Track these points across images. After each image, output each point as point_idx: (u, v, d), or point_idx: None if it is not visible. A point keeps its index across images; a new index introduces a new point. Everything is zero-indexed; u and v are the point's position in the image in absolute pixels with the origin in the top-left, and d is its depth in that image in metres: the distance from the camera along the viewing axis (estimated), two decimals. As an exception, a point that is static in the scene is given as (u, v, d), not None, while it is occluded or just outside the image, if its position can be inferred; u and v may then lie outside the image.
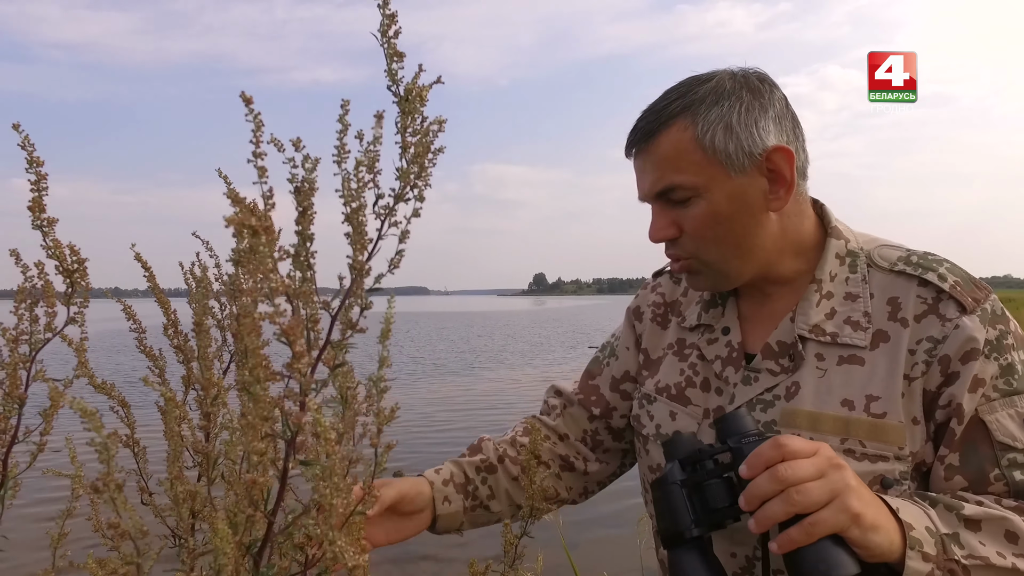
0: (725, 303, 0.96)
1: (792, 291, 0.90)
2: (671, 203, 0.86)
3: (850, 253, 0.88)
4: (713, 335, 0.95)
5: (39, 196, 0.68)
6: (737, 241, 0.85)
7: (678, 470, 0.75)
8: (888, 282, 0.84)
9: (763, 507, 0.66)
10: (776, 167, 0.83)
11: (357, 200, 0.49)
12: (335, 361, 0.52)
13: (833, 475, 0.66)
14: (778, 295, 0.91)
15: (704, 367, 0.95)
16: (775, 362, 0.87)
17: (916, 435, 0.79)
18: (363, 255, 0.50)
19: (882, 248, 0.88)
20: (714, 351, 0.94)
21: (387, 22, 0.51)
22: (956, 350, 0.78)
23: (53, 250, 0.70)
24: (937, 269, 0.82)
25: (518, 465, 1.04)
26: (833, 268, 0.87)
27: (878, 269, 0.86)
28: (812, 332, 0.85)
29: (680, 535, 0.73)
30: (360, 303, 0.50)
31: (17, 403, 0.71)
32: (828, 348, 0.84)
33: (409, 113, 0.51)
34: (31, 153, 0.66)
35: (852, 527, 0.65)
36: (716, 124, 0.82)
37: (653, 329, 1.05)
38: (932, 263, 0.83)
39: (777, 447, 0.67)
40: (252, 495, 0.49)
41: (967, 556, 0.69)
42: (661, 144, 0.84)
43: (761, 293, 0.93)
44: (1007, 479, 0.76)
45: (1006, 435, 0.77)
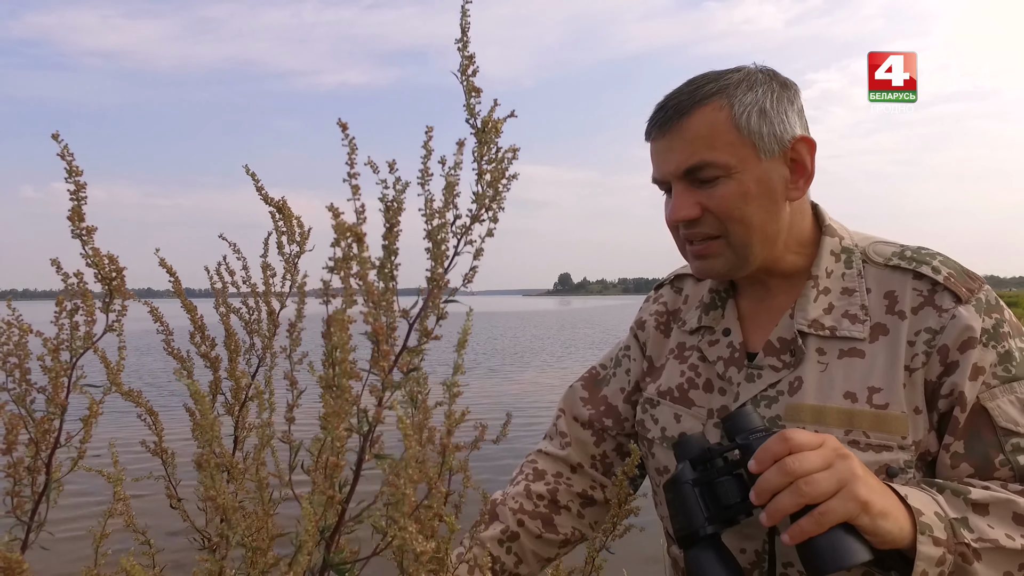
0: (724, 305, 0.98)
1: (790, 288, 0.92)
2: (697, 182, 0.86)
3: (845, 250, 0.90)
4: (714, 337, 0.97)
5: (78, 205, 0.71)
6: (761, 223, 0.86)
7: (689, 470, 0.77)
8: (884, 276, 0.87)
9: (773, 500, 0.67)
10: (799, 156, 0.86)
11: (441, 218, 0.54)
12: (409, 366, 0.57)
13: (840, 465, 0.67)
14: (777, 291, 0.93)
15: (706, 368, 0.96)
16: (777, 358, 0.89)
17: (919, 424, 0.80)
18: (441, 268, 0.55)
19: (876, 244, 0.90)
20: (716, 352, 0.96)
21: (466, 63, 0.57)
22: (954, 339, 0.80)
23: (92, 259, 0.73)
24: (931, 262, 0.84)
25: (538, 520, 1.03)
26: (829, 264, 0.90)
27: (873, 264, 0.88)
28: (811, 327, 0.87)
29: (695, 534, 0.74)
30: (436, 312, 0.55)
31: (59, 409, 0.73)
32: (828, 342, 0.86)
33: (485, 143, 0.56)
34: (71, 163, 0.68)
35: (862, 515, 0.66)
36: (752, 107, 0.84)
37: (656, 337, 1.07)
38: (925, 257, 0.85)
39: (784, 441, 0.68)
40: (332, 478, 0.53)
41: (977, 539, 0.71)
42: (695, 122, 0.84)
43: (762, 289, 0.94)
44: (1012, 464, 0.77)
45: (1008, 421, 0.78)
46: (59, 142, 0.66)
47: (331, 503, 0.55)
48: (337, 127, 0.52)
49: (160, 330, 1.02)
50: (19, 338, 0.72)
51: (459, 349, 0.54)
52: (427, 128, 0.54)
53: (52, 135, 0.68)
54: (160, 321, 0.98)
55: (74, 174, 0.68)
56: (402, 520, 0.54)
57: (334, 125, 0.52)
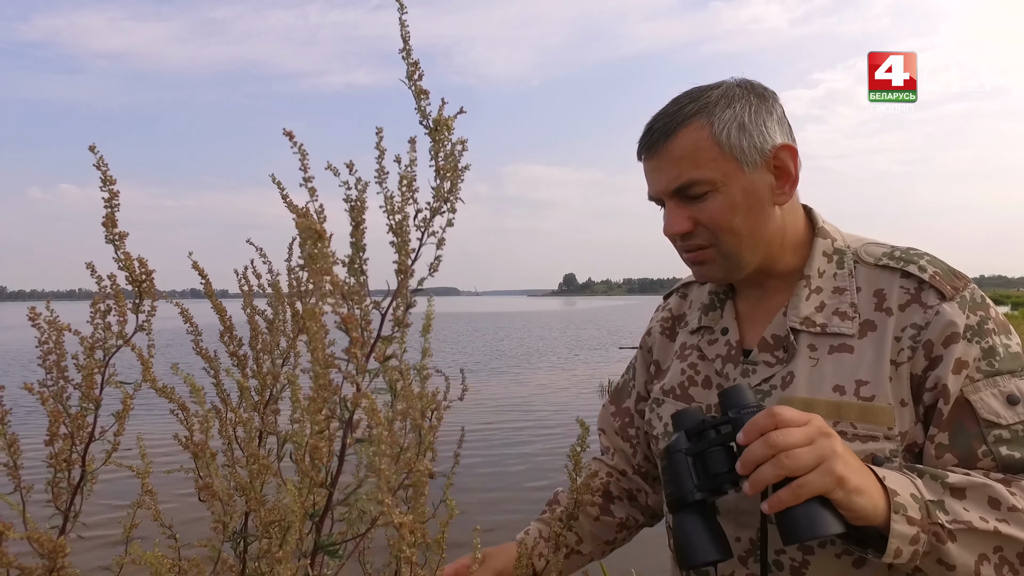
0: (723, 306, 1.03)
1: (785, 288, 0.96)
2: (687, 198, 0.90)
3: (837, 251, 0.94)
4: (713, 336, 1.02)
5: (111, 212, 0.76)
6: (750, 231, 0.90)
7: (684, 440, 0.82)
8: (874, 276, 0.90)
9: (757, 471, 0.72)
10: (782, 163, 0.90)
11: (400, 213, 0.57)
12: (384, 354, 0.60)
13: (821, 442, 0.71)
14: (773, 291, 0.97)
15: (705, 366, 1.01)
16: (771, 354, 0.93)
17: (905, 416, 0.84)
18: (407, 260, 0.59)
19: (868, 245, 0.94)
20: (714, 351, 1.00)
21: (412, 69, 0.60)
22: (938, 335, 0.83)
23: (124, 262, 0.79)
24: (918, 262, 0.88)
25: (595, 506, 1.12)
26: (821, 265, 0.94)
27: (864, 264, 0.92)
28: (803, 324, 0.91)
29: (684, 499, 0.79)
30: (405, 302, 0.59)
31: (93, 405, 0.80)
32: (819, 339, 0.90)
33: (439, 141, 0.60)
34: (105, 172, 0.74)
35: (836, 489, 0.70)
36: (731, 123, 0.88)
37: (662, 342, 1.13)
38: (913, 256, 0.89)
39: (771, 416, 0.72)
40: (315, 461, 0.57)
41: (951, 521, 0.74)
42: (679, 142, 0.89)
43: (759, 290, 0.98)
44: (994, 454, 0.80)
45: (991, 413, 0.81)
46: (95, 153, 0.71)
47: (313, 486, 0.58)
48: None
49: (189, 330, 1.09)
50: (56, 337, 0.79)
51: (424, 333, 0.57)
52: (378, 129, 0.57)
53: (89, 147, 0.73)
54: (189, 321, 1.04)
55: (108, 183, 0.73)
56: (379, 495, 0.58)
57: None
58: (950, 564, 0.74)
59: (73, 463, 0.79)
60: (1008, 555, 0.75)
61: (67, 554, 0.72)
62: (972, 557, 0.74)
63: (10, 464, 0.78)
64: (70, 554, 0.72)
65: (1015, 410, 0.81)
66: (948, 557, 0.74)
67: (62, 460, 0.78)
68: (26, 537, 0.69)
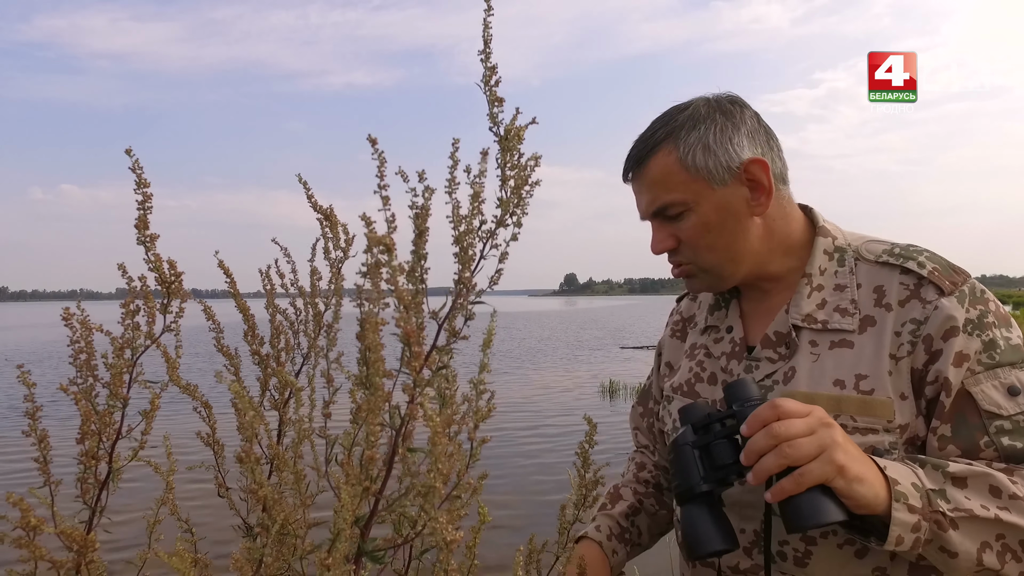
0: (728, 306, 1.05)
1: (787, 287, 0.98)
2: (667, 219, 0.95)
3: (838, 249, 0.96)
4: (719, 335, 1.05)
5: (144, 215, 0.76)
6: (727, 245, 0.94)
7: (690, 433, 0.84)
8: (874, 272, 0.92)
9: (760, 461, 0.74)
10: (754, 176, 0.93)
11: (467, 224, 0.57)
12: (438, 364, 0.60)
13: (822, 432, 0.73)
14: (775, 291, 0.99)
15: (711, 363, 1.04)
16: (773, 350, 0.95)
17: (905, 409, 0.85)
18: (468, 272, 0.58)
19: (869, 243, 0.96)
20: (720, 348, 1.03)
21: (488, 73, 0.60)
22: (937, 329, 0.84)
23: (154, 264, 0.79)
24: (917, 258, 0.90)
25: (651, 499, 1.17)
26: (822, 263, 0.95)
27: (865, 261, 0.94)
28: (805, 321, 0.93)
29: (691, 490, 0.81)
30: (464, 314, 0.58)
31: (121, 403, 0.79)
32: (820, 335, 0.92)
33: (508, 150, 0.59)
34: (140, 175, 0.74)
35: (837, 478, 0.72)
36: (695, 146, 0.91)
37: (673, 343, 1.17)
38: (913, 253, 0.91)
39: (774, 408, 0.74)
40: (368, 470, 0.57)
41: (953, 509, 0.75)
42: (651, 169, 0.94)
43: (759, 291, 1.01)
44: (996, 445, 0.81)
45: (992, 404, 0.82)
46: (131, 155, 0.71)
47: (366, 494, 0.58)
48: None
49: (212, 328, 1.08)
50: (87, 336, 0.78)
51: (484, 348, 0.57)
52: (453, 140, 0.57)
53: (125, 150, 0.73)
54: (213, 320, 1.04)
55: (143, 185, 0.73)
56: (432, 511, 0.58)
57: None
58: (952, 551, 0.75)
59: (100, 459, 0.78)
60: (1010, 542, 0.76)
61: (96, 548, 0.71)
62: (974, 545, 0.75)
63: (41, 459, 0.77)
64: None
65: (1016, 401, 0.82)
66: (950, 544, 0.75)
67: (91, 457, 0.77)
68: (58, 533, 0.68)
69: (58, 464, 0.84)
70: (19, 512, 0.69)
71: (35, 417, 0.76)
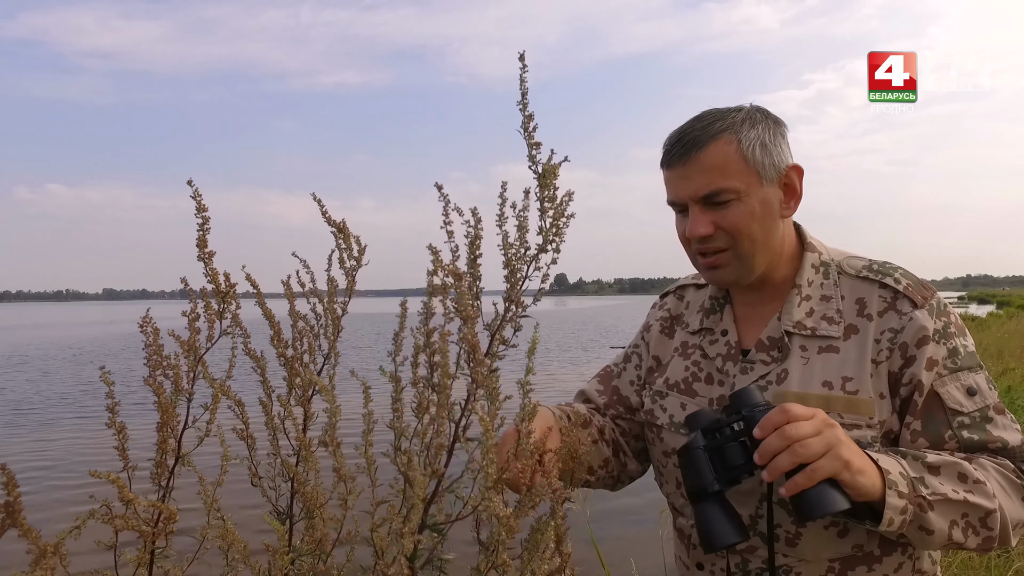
0: (722, 310, 1.14)
1: (778, 296, 1.08)
2: (712, 205, 1.00)
3: (823, 264, 1.07)
4: (714, 337, 1.13)
5: (203, 235, 0.86)
6: (764, 238, 1.02)
7: (701, 438, 0.91)
8: (855, 286, 1.03)
9: (774, 460, 0.82)
10: (791, 181, 1.04)
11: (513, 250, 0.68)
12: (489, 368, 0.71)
13: (828, 432, 0.83)
14: (768, 298, 1.08)
15: (707, 364, 1.12)
16: (767, 354, 1.05)
17: (883, 407, 0.97)
18: (516, 290, 0.69)
19: (849, 259, 1.07)
20: (715, 350, 1.12)
21: (527, 120, 0.70)
22: (911, 337, 0.96)
23: (211, 277, 0.89)
24: (893, 274, 1.01)
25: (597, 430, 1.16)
26: (810, 276, 1.06)
27: (847, 276, 1.05)
28: (796, 328, 1.03)
29: (704, 490, 0.90)
30: (513, 325, 0.70)
31: (187, 397, 0.89)
32: (809, 340, 1.02)
33: (546, 186, 0.70)
34: (199, 201, 0.83)
35: (844, 471, 0.82)
36: (755, 141, 1.00)
37: (660, 339, 1.23)
38: (889, 270, 1.02)
39: (784, 412, 0.83)
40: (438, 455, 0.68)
41: (931, 493, 0.87)
42: (710, 154, 0.99)
43: (755, 296, 1.10)
44: (958, 438, 0.94)
45: (955, 403, 0.95)
46: (192, 186, 0.80)
47: (435, 475, 0.69)
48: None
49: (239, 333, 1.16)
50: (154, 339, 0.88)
51: (530, 355, 0.68)
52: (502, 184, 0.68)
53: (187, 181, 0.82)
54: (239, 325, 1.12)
55: (202, 210, 0.83)
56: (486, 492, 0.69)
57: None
58: (929, 529, 0.87)
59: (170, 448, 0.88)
60: (972, 520, 0.89)
61: (176, 520, 0.82)
62: (946, 523, 0.88)
63: (119, 447, 0.87)
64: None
65: (974, 400, 0.96)
66: (928, 524, 0.87)
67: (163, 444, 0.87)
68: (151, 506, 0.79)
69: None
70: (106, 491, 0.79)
71: (114, 411, 0.86)
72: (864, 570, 0.99)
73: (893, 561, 0.99)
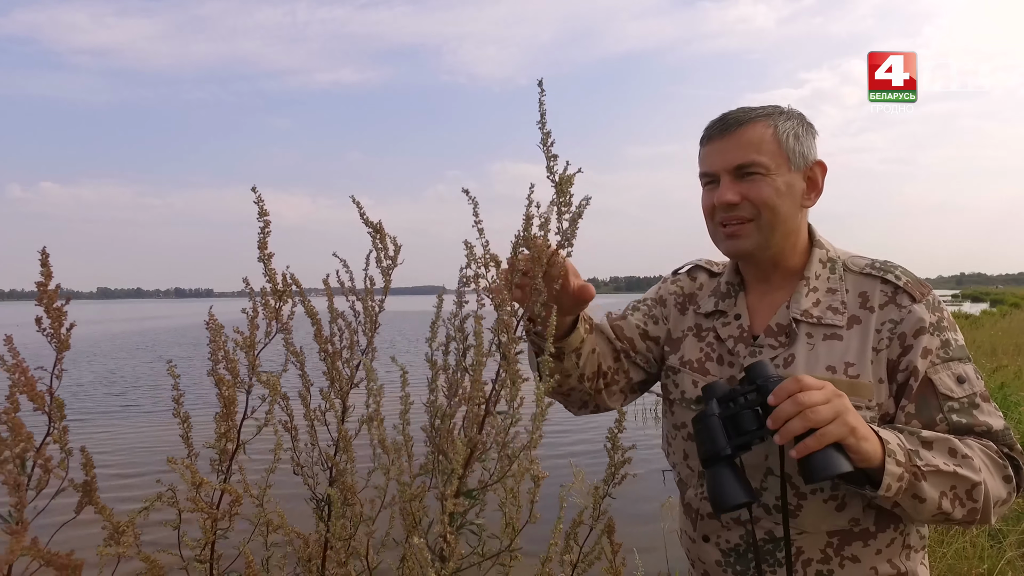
0: (736, 296, 1.24)
1: (787, 286, 1.19)
2: (743, 175, 1.12)
3: (830, 260, 1.18)
4: (727, 320, 1.23)
5: (264, 238, 0.97)
6: (784, 215, 1.13)
7: (715, 406, 1.00)
8: (859, 281, 1.14)
9: (786, 424, 0.91)
10: (814, 175, 1.16)
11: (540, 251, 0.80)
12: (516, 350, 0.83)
13: (836, 401, 0.91)
14: (777, 287, 1.19)
15: (719, 346, 1.23)
16: (775, 339, 1.15)
17: (882, 391, 1.07)
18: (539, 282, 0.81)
19: (853, 258, 1.18)
20: (728, 332, 1.22)
21: (545, 136, 0.83)
22: (910, 328, 1.07)
23: (270, 277, 1.00)
24: (894, 271, 1.12)
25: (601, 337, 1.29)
26: (818, 270, 1.17)
27: (851, 272, 1.16)
28: (803, 316, 1.14)
29: (718, 454, 0.98)
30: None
31: (246, 390, 1.00)
32: (815, 328, 1.13)
33: (562, 194, 0.82)
34: (261, 206, 0.95)
35: (850, 436, 0.90)
36: (790, 131, 1.13)
37: (675, 313, 1.33)
38: (891, 267, 1.14)
39: (796, 382, 0.92)
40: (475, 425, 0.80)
41: (925, 464, 0.96)
42: (749, 131, 1.13)
43: (766, 285, 1.21)
44: (948, 421, 1.04)
45: (946, 389, 1.05)
46: (255, 191, 0.91)
47: (472, 444, 0.81)
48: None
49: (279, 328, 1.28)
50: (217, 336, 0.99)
51: (548, 337, 0.80)
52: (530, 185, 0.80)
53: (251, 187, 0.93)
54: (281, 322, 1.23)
55: (263, 215, 0.94)
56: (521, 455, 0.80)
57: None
58: (922, 498, 0.96)
59: (230, 437, 0.98)
60: (959, 491, 0.98)
61: (241, 503, 0.92)
62: (936, 492, 0.97)
63: (184, 436, 0.97)
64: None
65: (963, 387, 1.05)
66: (921, 492, 0.96)
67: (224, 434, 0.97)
68: (222, 489, 0.90)
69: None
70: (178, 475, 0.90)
71: (179, 403, 0.97)
72: (860, 545, 1.08)
73: (886, 537, 1.09)
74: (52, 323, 0.70)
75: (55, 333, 0.71)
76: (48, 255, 0.68)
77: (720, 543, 1.18)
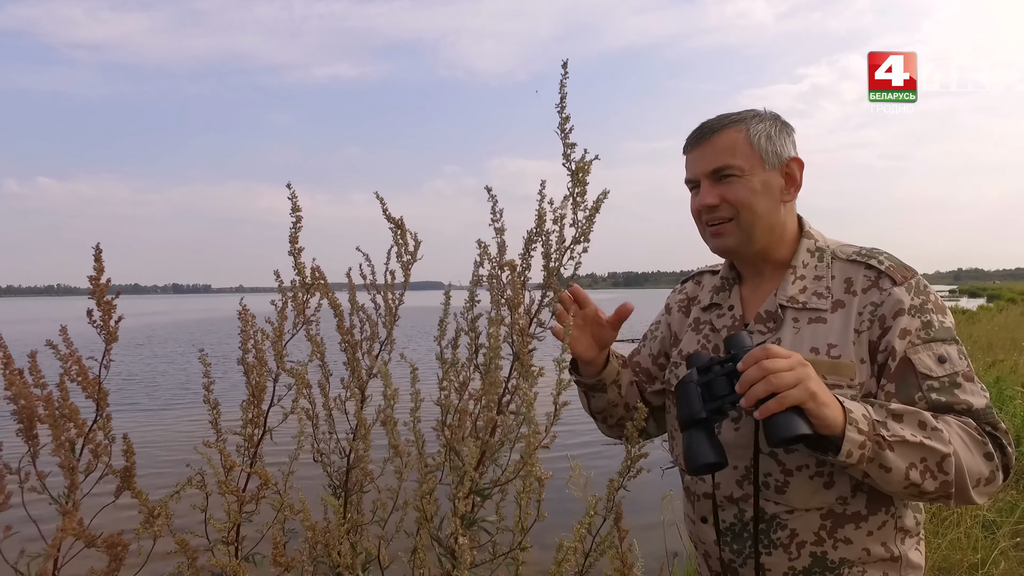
0: (731, 289, 1.31)
1: (778, 277, 1.25)
2: (720, 178, 1.20)
3: (818, 249, 1.23)
4: (722, 312, 1.31)
5: (295, 233, 1.02)
6: (763, 213, 1.20)
7: (696, 374, 1.07)
8: (845, 268, 1.19)
9: (751, 388, 0.96)
10: (791, 171, 1.22)
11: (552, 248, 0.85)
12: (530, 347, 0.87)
13: (800, 369, 0.96)
14: (768, 278, 1.26)
15: (715, 336, 1.30)
16: (764, 325, 1.21)
17: (863, 371, 1.11)
18: (553, 279, 0.86)
19: (843, 246, 1.24)
20: (722, 323, 1.29)
21: (563, 122, 0.84)
22: (889, 310, 1.11)
23: (299, 270, 1.05)
24: (878, 256, 1.17)
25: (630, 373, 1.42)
26: (805, 259, 1.23)
27: (839, 260, 1.21)
28: (789, 302, 1.20)
29: (692, 416, 1.04)
30: (551, 309, 0.86)
31: (273, 377, 1.05)
32: (801, 312, 1.19)
33: (579, 182, 0.85)
34: (295, 203, 0.98)
35: (809, 401, 0.95)
36: (761, 132, 1.20)
37: (679, 317, 1.42)
38: (875, 253, 1.18)
39: (764, 350, 0.98)
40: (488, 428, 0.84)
41: (891, 435, 0.99)
42: (722, 138, 1.20)
43: (758, 278, 1.27)
44: (927, 399, 1.06)
45: (925, 368, 1.08)
46: (290, 188, 0.96)
47: (484, 446, 0.85)
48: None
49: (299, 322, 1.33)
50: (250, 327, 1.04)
51: (563, 337, 0.84)
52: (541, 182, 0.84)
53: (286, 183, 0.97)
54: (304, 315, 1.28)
55: (296, 210, 0.99)
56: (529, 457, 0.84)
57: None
58: (887, 467, 0.99)
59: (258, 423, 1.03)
60: (929, 464, 1.00)
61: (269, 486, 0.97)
62: (904, 464, 0.99)
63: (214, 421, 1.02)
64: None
65: (943, 367, 1.08)
66: (887, 462, 0.99)
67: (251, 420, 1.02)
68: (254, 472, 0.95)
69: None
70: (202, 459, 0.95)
71: (210, 390, 1.02)
72: (852, 527, 1.12)
73: (878, 519, 1.13)
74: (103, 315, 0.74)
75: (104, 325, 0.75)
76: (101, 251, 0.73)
77: (716, 522, 1.21)
